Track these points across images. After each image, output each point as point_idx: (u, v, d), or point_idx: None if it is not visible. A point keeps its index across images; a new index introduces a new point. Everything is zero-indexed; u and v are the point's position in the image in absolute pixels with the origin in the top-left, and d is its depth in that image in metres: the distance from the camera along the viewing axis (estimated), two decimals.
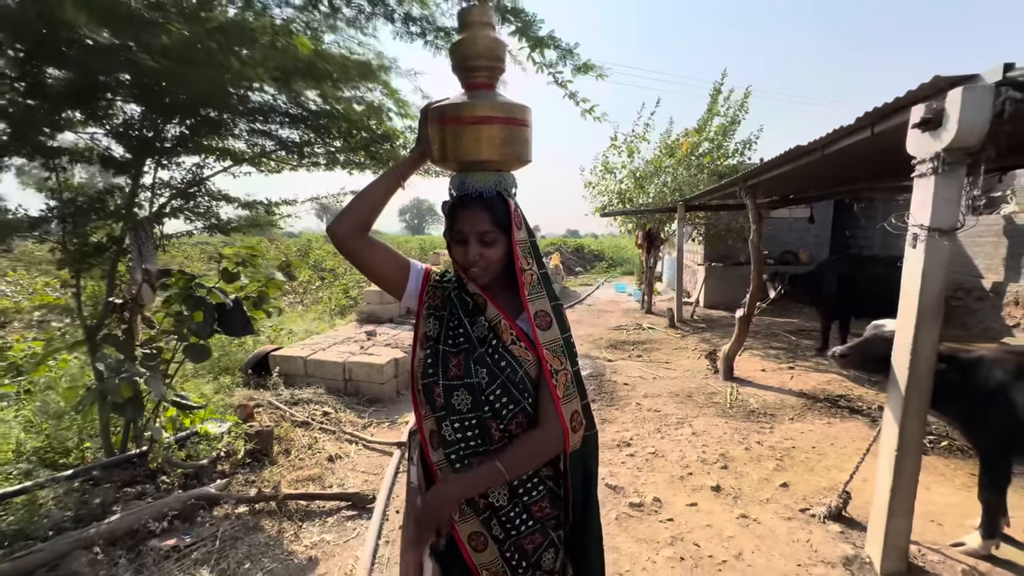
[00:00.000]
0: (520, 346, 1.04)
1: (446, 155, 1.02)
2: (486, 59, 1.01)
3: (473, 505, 1.05)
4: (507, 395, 1.02)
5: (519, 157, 1.05)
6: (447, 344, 1.07)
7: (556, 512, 1.10)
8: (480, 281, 1.06)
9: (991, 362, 2.14)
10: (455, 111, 0.99)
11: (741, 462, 3.21)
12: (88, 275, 2.88)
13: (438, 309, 1.10)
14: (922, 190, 2.04)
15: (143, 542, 2.28)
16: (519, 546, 1.06)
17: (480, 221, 1.02)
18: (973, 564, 2.14)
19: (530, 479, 1.06)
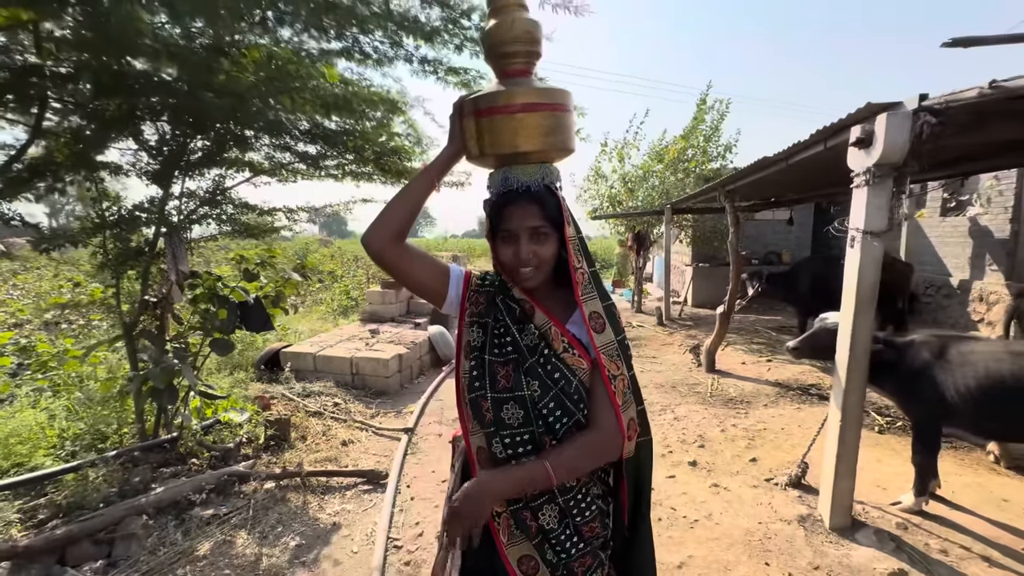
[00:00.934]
0: (573, 354, 0.97)
1: (485, 149, 0.95)
2: (524, 43, 0.94)
3: (524, 528, 0.98)
4: (561, 408, 0.96)
5: (563, 146, 0.97)
6: (493, 354, 1.00)
7: (605, 532, 1.04)
8: (530, 284, 0.99)
9: (920, 344, 2.50)
10: (497, 100, 0.91)
11: (717, 442, 3.55)
12: (125, 276, 3.17)
13: (481, 316, 1.04)
14: (858, 198, 2.40)
15: (185, 511, 2.58)
16: (570, 569, 0.99)
17: (531, 216, 0.95)
18: (906, 518, 2.50)
19: (583, 499, 1.00)
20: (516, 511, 0.98)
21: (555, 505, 0.98)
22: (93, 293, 6.26)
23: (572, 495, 0.98)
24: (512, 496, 0.95)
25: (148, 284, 3.24)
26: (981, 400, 2.23)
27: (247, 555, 2.30)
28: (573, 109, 0.98)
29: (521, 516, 0.98)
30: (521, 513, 0.98)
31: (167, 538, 2.38)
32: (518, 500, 0.97)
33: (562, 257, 1.00)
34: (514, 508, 0.98)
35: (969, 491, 2.75)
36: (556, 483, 0.93)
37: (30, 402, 3.46)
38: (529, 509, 0.98)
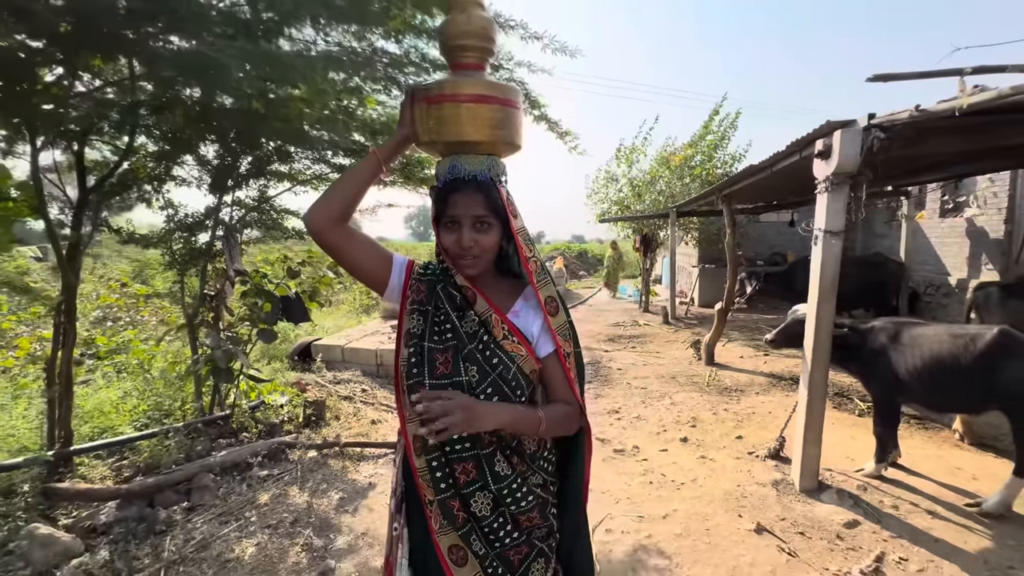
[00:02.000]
0: (512, 341, 0.99)
1: (433, 135, 0.97)
2: (479, 39, 0.98)
3: (451, 518, 0.97)
4: (498, 393, 0.97)
5: (511, 141, 1.01)
6: (432, 341, 1.00)
7: (546, 522, 1.04)
8: (471, 272, 1.01)
9: (878, 330, 2.86)
10: (448, 88, 0.95)
11: (708, 423, 3.92)
12: (189, 274, 3.66)
13: (422, 304, 1.03)
14: (820, 202, 2.77)
15: (245, 471, 3.05)
16: (504, 558, 0.99)
17: (475, 205, 0.97)
18: (867, 481, 2.85)
19: (519, 488, 0.99)
20: (443, 500, 0.97)
21: (488, 493, 0.97)
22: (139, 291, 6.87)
23: (506, 483, 0.97)
24: (502, 426, 0.94)
25: (206, 280, 3.73)
26: (926, 376, 2.59)
27: (299, 504, 2.75)
28: (521, 107, 1.02)
29: (448, 505, 0.97)
30: (448, 503, 0.97)
31: (233, 490, 2.84)
32: (447, 489, 0.97)
33: (503, 249, 1.03)
34: (441, 498, 0.97)
35: (928, 461, 3.09)
36: (541, 431, 0.97)
37: (105, 384, 3.97)
38: (459, 498, 0.97)
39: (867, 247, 9.76)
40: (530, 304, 1.05)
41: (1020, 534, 2.37)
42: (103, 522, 2.45)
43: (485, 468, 0.97)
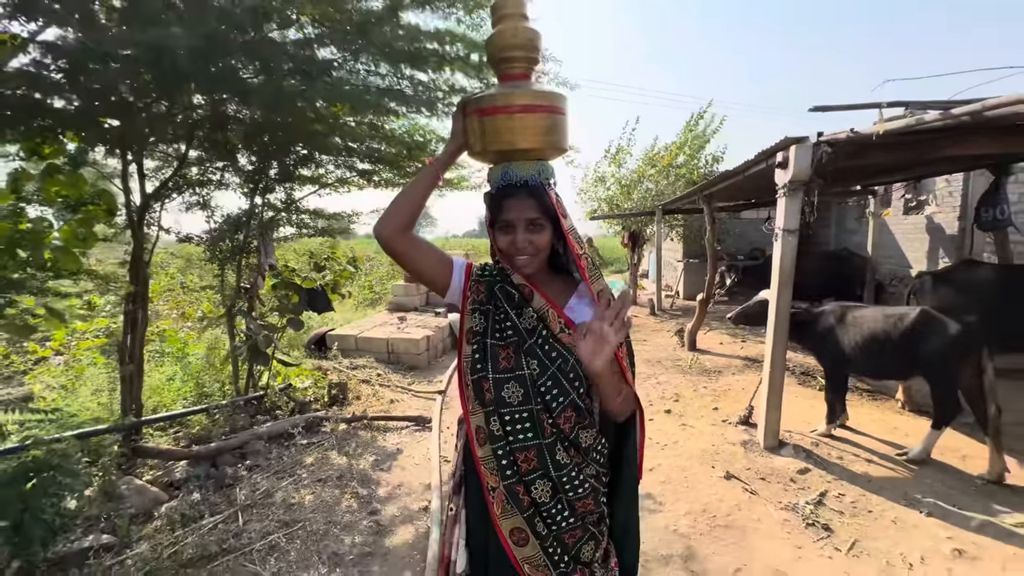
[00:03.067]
0: (569, 333, 1.03)
1: (486, 146, 1.02)
2: (525, 50, 1.02)
3: (517, 502, 1.03)
4: (558, 386, 1.02)
5: (558, 145, 1.05)
6: (494, 338, 1.06)
7: (599, 509, 1.09)
8: (527, 270, 1.06)
9: (828, 312, 3.40)
10: (499, 100, 0.99)
11: (688, 398, 4.46)
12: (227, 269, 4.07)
13: (482, 304, 1.10)
14: (780, 205, 3.29)
15: (287, 440, 3.49)
16: (560, 540, 1.05)
17: (528, 208, 1.03)
18: (819, 439, 3.40)
19: (576, 476, 1.04)
20: (510, 486, 1.03)
21: (548, 480, 1.03)
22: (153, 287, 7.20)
23: (566, 472, 1.03)
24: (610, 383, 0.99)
25: (241, 274, 4.15)
26: (864, 349, 3.13)
27: (340, 464, 3.21)
28: (567, 112, 1.06)
29: (514, 490, 1.03)
30: (515, 487, 1.03)
31: (281, 455, 3.29)
32: (512, 476, 1.03)
33: (555, 247, 1.09)
34: (508, 483, 1.03)
35: (873, 424, 3.65)
36: (619, 400, 1.02)
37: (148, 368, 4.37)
38: (523, 483, 1.03)
39: (840, 242, 10.42)
40: (583, 299, 1.11)
41: (934, 474, 2.93)
42: (177, 478, 2.88)
43: (547, 456, 1.02)
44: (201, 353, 4.44)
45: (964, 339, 2.81)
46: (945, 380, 2.89)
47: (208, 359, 4.35)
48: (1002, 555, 2.23)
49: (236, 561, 2.24)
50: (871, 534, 2.42)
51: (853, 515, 2.59)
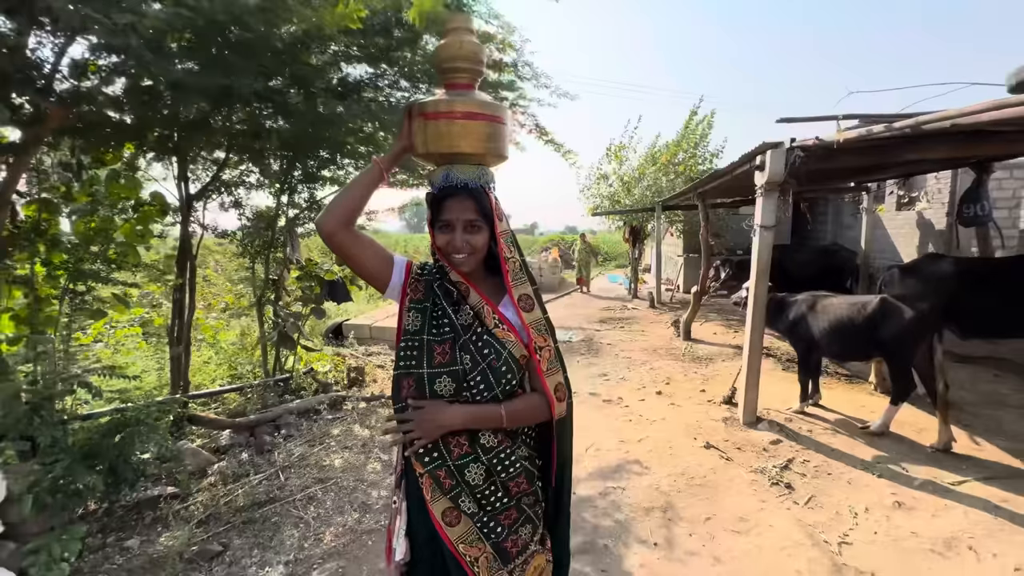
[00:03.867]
0: (503, 328, 1.09)
1: (429, 147, 1.07)
2: (470, 62, 1.08)
3: (439, 485, 1.08)
4: (484, 382, 1.06)
5: (498, 152, 1.11)
6: (431, 334, 1.09)
7: (532, 488, 1.14)
8: (464, 268, 1.10)
9: (801, 300, 3.75)
10: (443, 106, 1.06)
11: (679, 382, 4.83)
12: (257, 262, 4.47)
13: (420, 301, 1.13)
14: (758, 204, 3.64)
15: (315, 415, 3.90)
16: (496, 520, 1.10)
17: (467, 210, 1.07)
18: (793, 416, 3.76)
19: (507, 458, 1.09)
20: (432, 471, 1.07)
21: (481, 464, 1.08)
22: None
23: (495, 454, 1.08)
24: (466, 426, 1.06)
25: (269, 267, 4.55)
26: (832, 333, 3.48)
27: (364, 434, 3.62)
28: (507, 123, 1.12)
29: (436, 475, 1.07)
30: (436, 472, 1.07)
31: (310, 427, 3.70)
32: (431, 462, 1.07)
33: (492, 248, 1.12)
34: (430, 468, 1.07)
35: (844, 403, 4.01)
36: (505, 425, 1.07)
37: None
38: (445, 468, 1.07)
39: (837, 237, 10.70)
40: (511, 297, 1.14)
41: (891, 444, 3.29)
42: (222, 444, 3.30)
43: (476, 442, 1.08)
44: (233, 339, 4.86)
45: (918, 324, 3.15)
46: (901, 360, 3.24)
47: (241, 344, 4.77)
48: (935, 506, 2.59)
49: (282, 507, 2.65)
50: (827, 491, 2.79)
51: (814, 477, 2.96)
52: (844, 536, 2.40)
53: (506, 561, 1.09)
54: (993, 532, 2.37)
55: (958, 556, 2.22)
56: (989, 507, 2.56)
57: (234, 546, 2.33)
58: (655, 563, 2.25)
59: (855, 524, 2.49)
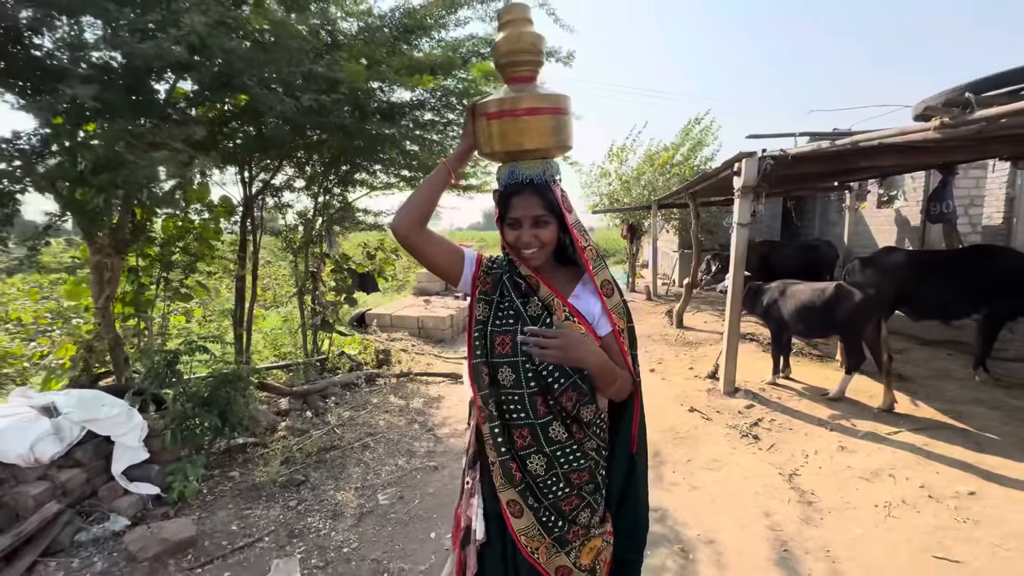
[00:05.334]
0: (573, 321, 1.10)
1: (495, 147, 1.08)
2: (530, 54, 1.07)
3: (510, 477, 1.11)
4: (559, 369, 1.07)
5: (563, 144, 1.10)
6: (495, 325, 1.13)
7: (595, 480, 1.16)
8: (534, 263, 1.12)
9: (773, 287, 4.36)
10: (506, 104, 1.05)
11: (670, 362, 5.45)
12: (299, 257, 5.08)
13: (488, 294, 1.17)
14: (736, 204, 4.24)
15: (354, 388, 4.52)
16: (556, 508, 1.12)
17: (534, 206, 1.09)
18: (766, 387, 4.39)
19: (572, 452, 1.11)
20: (504, 461, 1.11)
21: (542, 456, 1.11)
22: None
23: (560, 447, 1.11)
24: (592, 367, 1.04)
25: (309, 261, 5.15)
26: (797, 315, 4.10)
27: (400, 403, 4.23)
28: (571, 112, 1.10)
29: (507, 466, 1.11)
30: (508, 463, 1.11)
31: (353, 396, 4.32)
32: (506, 452, 1.11)
33: (561, 240, 1.14)
34: (502, 459, 1.11)
35: (812, 376, 4.63)
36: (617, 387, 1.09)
37: None
38: (516, 459, 1.11)
39: (823, 233, 11.32)
40: (588, 288, 1.15)
41: (845, 407, 3.90)
42: (282, 409, 3.91)
43: (539, 434, 1.09)
44: (275, 325, 5.48)
45: (866, 306, 3.77)
46: (852, 335, 3.86)
47: (285, 329, 5.38)
48: (870, 449, 3.22)
49: (343, 453, 3.27)
50: (786, 441, 3.41)
51: (778, 431, 3.58)
52: (795, 471, 3.02)
53: (564, 546, 1.14)
54: (911, 465, 2.99)
55: (880, 480, 2.85)
56: (913, 449, 3.18)
57: (313, 478, 2.95)
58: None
59: (805, 462, 3.11)
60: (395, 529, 2.48)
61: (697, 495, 2.81)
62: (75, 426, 2.46)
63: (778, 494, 2.77)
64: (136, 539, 2.14)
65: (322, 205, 5.13)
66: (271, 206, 4.73)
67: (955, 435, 3.35)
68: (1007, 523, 2.40)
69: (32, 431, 2.30)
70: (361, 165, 4.94)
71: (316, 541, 2.36)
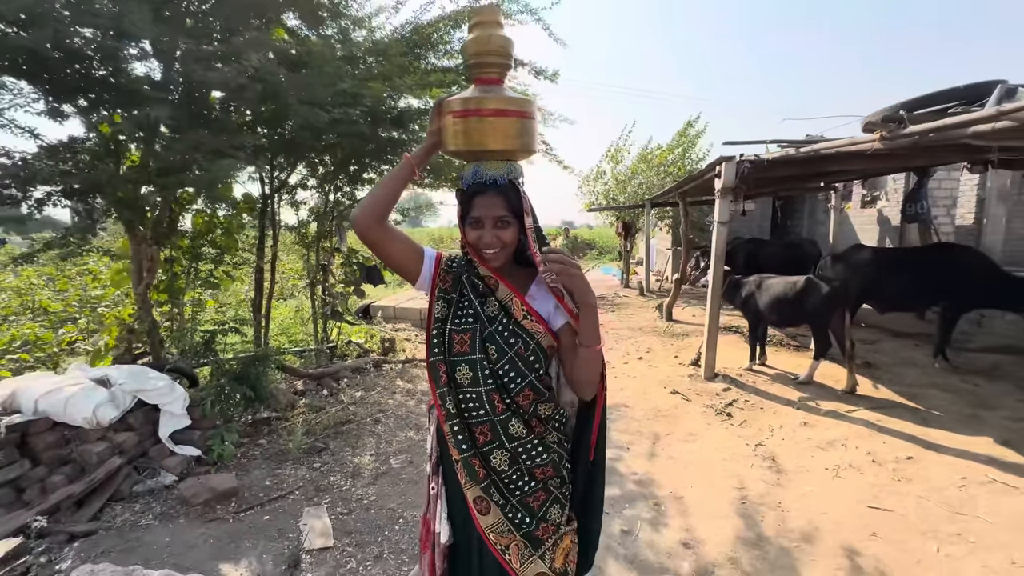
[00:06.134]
0: (531, 320, 1.12)
1: (460, 145, 1.08)
2: (499, 56, 1.08)
3: (473, 474, 1.11)
4: (515, 369, 1.10)
5: (527, 148, 1.11)
6: (454, 324, 1.14)
7: (560, 474, 1.17)
8: (494, 263, 1.14)
9: (751, 281, 4.74)
10: (472, 103, 1.05)
11: (657, 351, 5.82)
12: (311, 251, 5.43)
13: (447, 292, 1.17)
14: (716, 204, 4.61)
15: (363, 372, 4.88)
16: (524, 504, 1.13)
17: (496, 206, 1.10)
18: (743, 372, 4.77)
19: (534, 447, 1.13)
20: (466, 458, 1.11)
21: (505, 451, 1.12)
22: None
23: (521, 443, 1.12)
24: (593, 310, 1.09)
25: (319, 255, 5.50)
26: (771, 306, 4.47)
27: (405, 386, 4.60)
28: (536, 116, 1.14)
29: (470, 463, 1.11)
30: (470, 460, 1.11)
31: (363, 379, 4.68)
32: (468, 449, 1.11)
33: (521, 242, 1.16)
34: (465, 456, 1.11)
35: (787, 364, 5.01)
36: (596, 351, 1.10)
37: None
38: (479, 456, 1.12)
39: (811, 232, 11.72)
40: (542, 288, 1.17)
41: (812, 390, 4.28)
42: (299, 389, 4.27)
43: (499, 430, 1.11)
44: (287, 315, 5.83)
45: (832, 297, 4.15)
46: (820, 324, 4.24)
47: (296, 318, 5.74)
48: (829, 424, 3.60)
49: (357, 426, 3.63)
50: (757, 418, 3.79)
51: (749, 410, 3.96)
52: (761, 442, 3.40)
53: (537, 547, 1.14)
54: (863, 437, 3.37)
55: (833, 448, 3.23)
56: (866, 424, 3.57)
57: (332, 446, 3.31)
58: (629, 460, 3.23)
59: (771, 435, 3.49)
60: (407, 487, 2.85)
61: (672, 463, 3.18)
62: (127, 395, 2.82)
63: (744, 461, 3.15)
64: (189, 486, 2.51)
65: (333, 202, 5.48)
66: (286, 203, 5.07)
67: (906, 412, 3.74)
68: (933, 480, 2.79)
69: (93, 398, 2.65)
70: (369, 165, 5.28)
71: (339, 495, 2.73)
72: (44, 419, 2.56)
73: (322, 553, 2.23)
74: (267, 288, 4.63)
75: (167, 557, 2.14)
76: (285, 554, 2.20)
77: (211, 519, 2.42)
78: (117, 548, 2.19)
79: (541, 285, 1.17)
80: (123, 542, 2.24)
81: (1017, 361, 4.94)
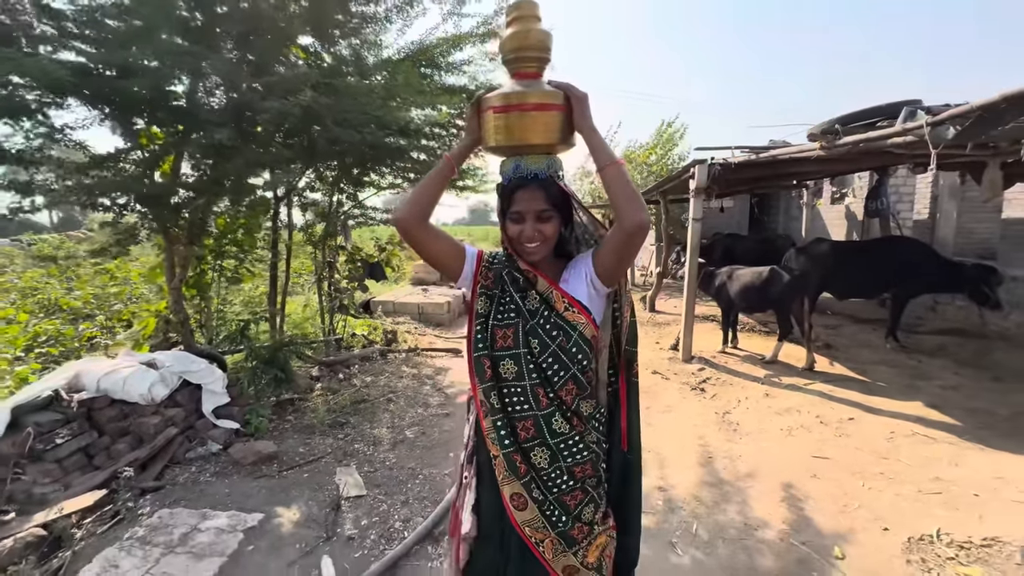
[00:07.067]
0: (573, 311, 1.11)
1: (500, 141, 1.09)
2: (537, 50, 1.08)
3: (514, 469, 1.12)
4: (558, 362, 1.10)
5: (568, 140, 1.11)
6: (496, 319, 1.16)
7: (597, 474, 1.17)
8: (534, 257, 1.14)
9: (723, 272, 5.25)
10: (513, 98, 1.05)
11: (640, 338, 6.27)
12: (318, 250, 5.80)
13: (489, 288, 1.19)
14: (691, 203, 5.10)
15: (371, 360, 5.28)
16: (561, 502, 1.13)
17: (538, 200, 1.10)
18: (716, 354, 5.28)
19: (574, 444, 1.12)
20: (508, 454, 1.12)
21: (546, 448, 1.13)
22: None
23: (563, 439, 1.12)
24: (591, 130, 1.07)
25: (326, 252, 5.88)
26: (741, 294, 4.99)
27: (411, 372, 5.02)
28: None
29: (512, 458, 1.12)
30: (512, 456, 1.12)
31: (372, 366, 5.09)
32: (510, 445, 1.13)
33: (562, 234, 1.17)
34: (506, 452, 1.12)
35: (758, 347, 5.53)
36: (614, 168, 1.04)
37: None
38: (520, 452, 1.13)
39: (785, 227, 12.37)
40: (572, 269, 1.19)
41: (777, 368, 4.81)
42: (314, 375, 4.67)
43: (543, 426, 1.12)
44: (295, 309, 6.21)
45: (792, 285, 4.67)
46: (782, 309, 4.76)
47: (303, 312, 6.12)
48: (788, 395, 4.12)
49: (372, 405, 4.05)
50: (726, 392, 4.30)
51: (720, 386, 4.46)
52: (728, 411, 3.90)
53: (571, 545, 1.15)
54: (815, 404, 3.89)
55: (789, 414, 3.74)
56: (820, 394, 4.09)
57: (352, 421, 3.73)
58: None
59: (737, 405, 3.99)
60: (422, 452, 3.28)
61: (651, 429, 3.66)
62: (174, 376, 3.21)
63: (712, 426, 3.64)
64: (238, 450, 2.91)
65: (338, 203, 5.87)
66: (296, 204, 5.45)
67: (855, 384, 4.28)
68: (867, 435, 3.31)
69: (147, 378, 3.04)
70: (373, 169, 5.68)
71: (364, 458, 3.15)
72: (104, 396, 2.94)
73: (357, 500, 2.66)
74: (281, 283, 5.01)
75: (230, 503, 2.55)
76: (327, 500, 2.62)
77: (259, 476, 2.84)
78: (185, 499, 2.60)
79: (572, 267, 1.20)
80: (189, 494, 2.65)
81: (960, 342, 5.53)
